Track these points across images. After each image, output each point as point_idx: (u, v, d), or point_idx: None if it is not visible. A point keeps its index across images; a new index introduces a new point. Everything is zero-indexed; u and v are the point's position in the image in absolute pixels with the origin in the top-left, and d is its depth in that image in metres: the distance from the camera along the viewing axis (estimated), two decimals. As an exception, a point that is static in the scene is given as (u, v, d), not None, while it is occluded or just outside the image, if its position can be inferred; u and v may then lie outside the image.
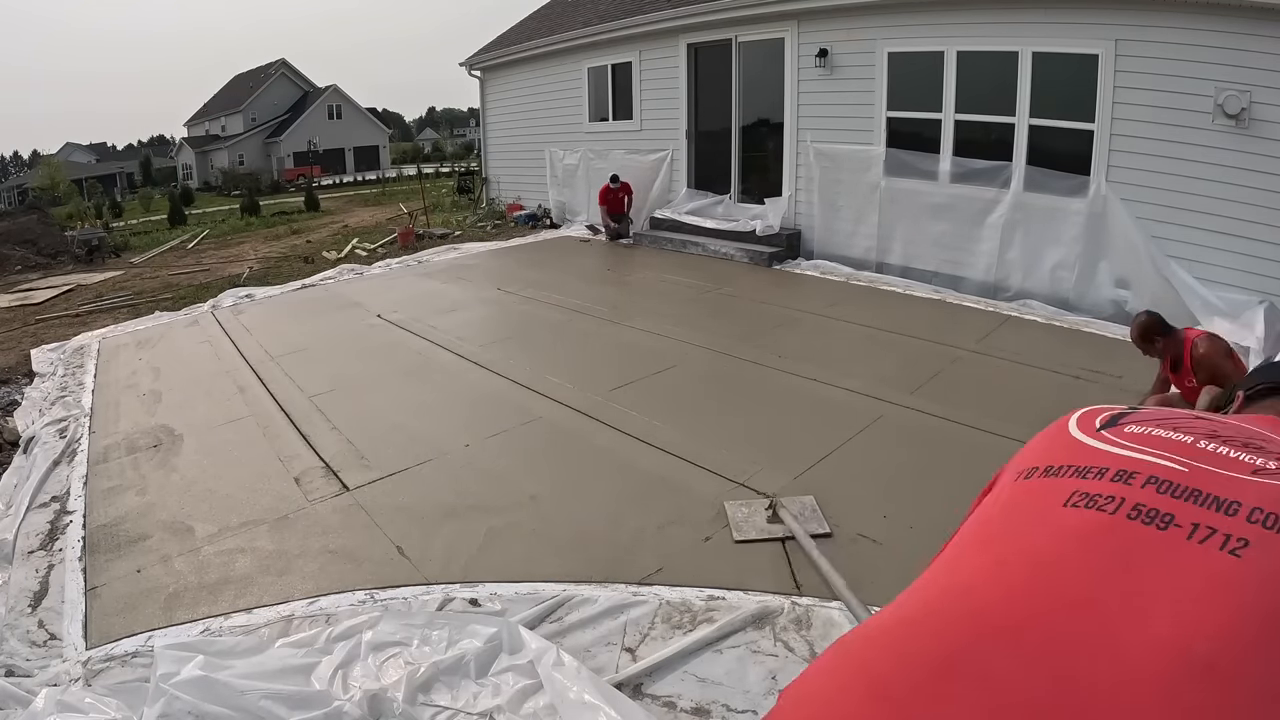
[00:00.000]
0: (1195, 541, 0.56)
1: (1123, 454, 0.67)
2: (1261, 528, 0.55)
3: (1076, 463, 0.68)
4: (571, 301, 6.35)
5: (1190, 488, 0.61)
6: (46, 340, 6.38)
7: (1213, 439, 0.66)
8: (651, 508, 3.04)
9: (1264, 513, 0.56)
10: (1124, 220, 5.48)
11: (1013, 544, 0.63)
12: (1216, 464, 0.63)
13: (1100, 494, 0.62)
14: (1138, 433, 0.69)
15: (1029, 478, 0.71)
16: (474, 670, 2.15)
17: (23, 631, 2.46)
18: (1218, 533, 0.56)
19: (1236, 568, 0.53)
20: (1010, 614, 0.55)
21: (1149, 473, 0.63)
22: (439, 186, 19.03)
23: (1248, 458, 0.63)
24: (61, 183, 32.05)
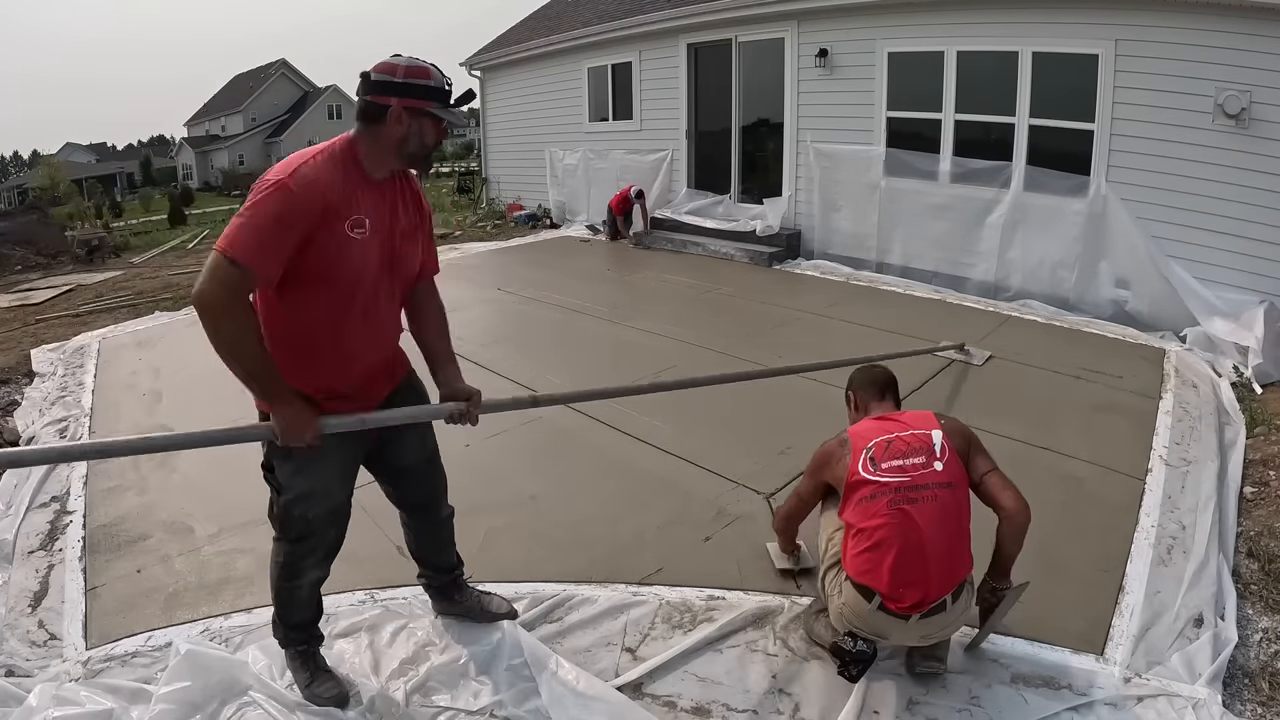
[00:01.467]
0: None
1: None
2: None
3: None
4: (571, 301, 6.35)
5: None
6: (46, 340, 6.37)
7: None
8: (651, 508, 3.04)
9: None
10: (1124, 220, 5.48)
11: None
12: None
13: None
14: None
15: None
16: (473, 670, 2.15)
17: (23, 631, 2.46)
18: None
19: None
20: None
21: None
22: (439, 186, 19.03)
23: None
24: (61, 183, 32.01)
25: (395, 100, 1.69)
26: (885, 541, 1.92)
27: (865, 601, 1.94)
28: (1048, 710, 1.99)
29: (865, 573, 1.94)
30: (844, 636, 2.05)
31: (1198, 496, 3.00)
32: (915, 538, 1.91)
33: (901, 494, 1.95)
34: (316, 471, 1.87)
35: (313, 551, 1.99)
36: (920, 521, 1.92)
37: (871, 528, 1.95)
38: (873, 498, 1.97)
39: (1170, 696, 2.02)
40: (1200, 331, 4.91)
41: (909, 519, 1.92)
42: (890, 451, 2.02)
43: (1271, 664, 2.16)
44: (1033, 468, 3.30)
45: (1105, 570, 2.57)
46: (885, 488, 1.96)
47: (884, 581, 1.91)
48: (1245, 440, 3.57)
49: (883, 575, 1.91)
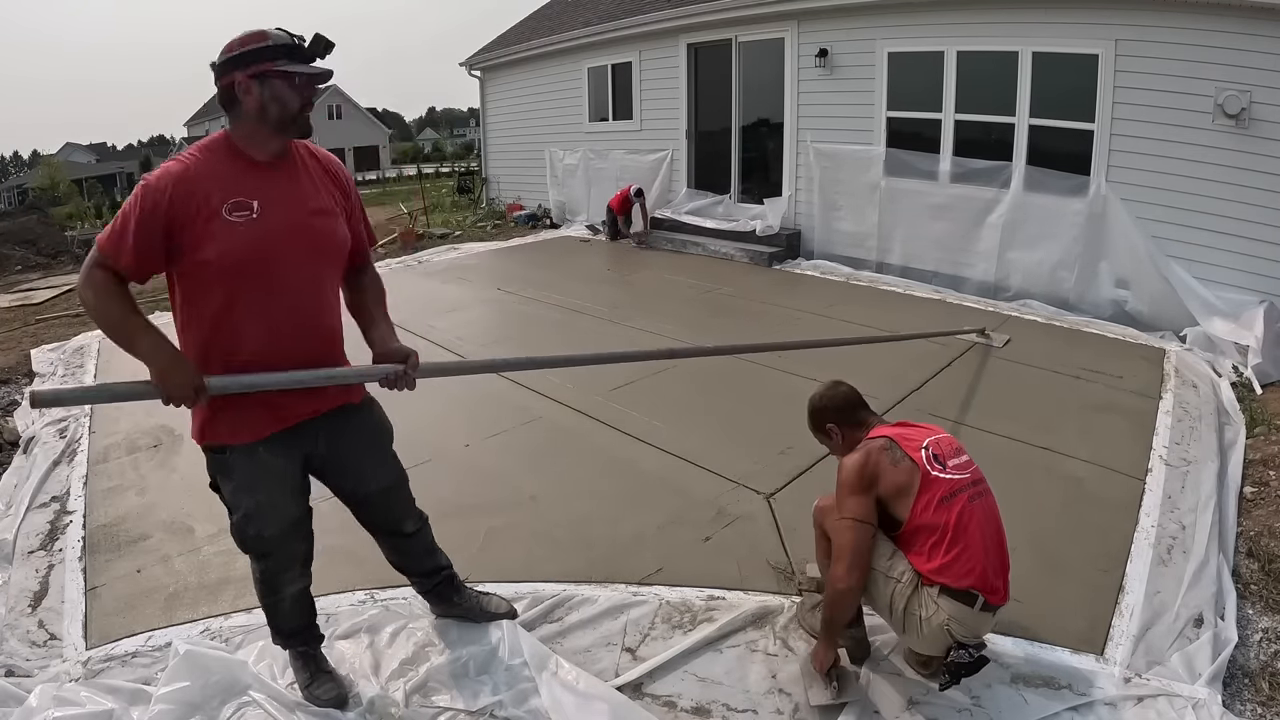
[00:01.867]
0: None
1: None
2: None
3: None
4: (571, 301, 6.35)
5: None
6: (46, 340, 6.38)
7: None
8: (651, 508, 3.04)
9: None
10: (1124, 220, 5.48)
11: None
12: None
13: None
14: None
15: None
16: (473, 670, 2.15)
17: (23, 631, 2.46)
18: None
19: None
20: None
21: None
22: (439, 186, 19.03)
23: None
24: (61, 183, 32.06)
25: (239, 74, 1.64)
26: (973, 540, 1.86)
27: (969, 607, 1.84)
28: (1048, 710, 1.99)
29: (963, 576, 1.83)
30: (953, 650, 1.86)
31: (1198, 496, 3.00)
32: (992, 531, 1.92)
33: (972, 489, 1.93)
34: (260, 488, 1.83)
35: (283, 569, 1.96)
36: (990, 515, 1.94)
37: (966, 530, 1.86)
38: (952, 495, 1.89)
39: (1170, 696, 2.02)
40: (1200, 331, 4.91)
41: (984, 513, 1.92)
42: (946, 450, 1.97)
43: (1271, 664, 2.16)
44: (1033, 468, 3.30)
45: (1105, 570, 2.57)
46: (959, 484, 1.91)
47: (982, 579, 1.84)
48: (1245, 440, 3.57)
49: (978, 573, 1.84)
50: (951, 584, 1.83)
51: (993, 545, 1.91)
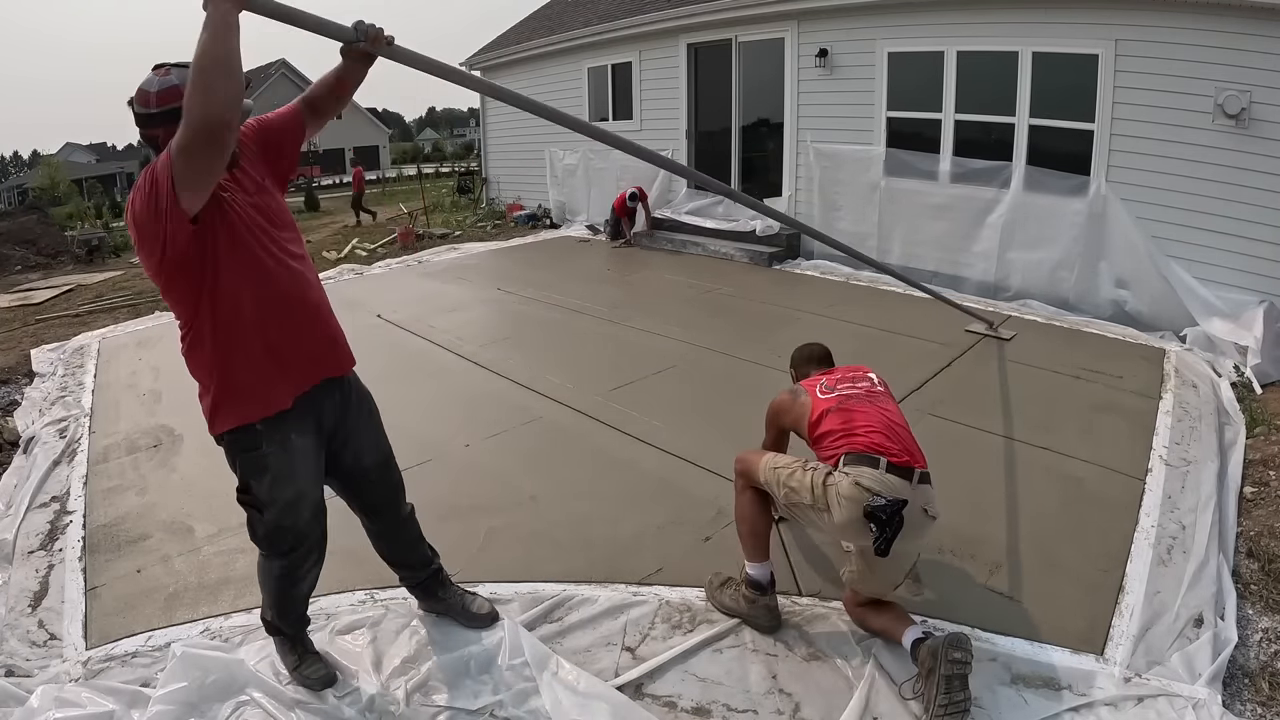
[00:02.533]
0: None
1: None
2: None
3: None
4: (571, 301, 6.35)
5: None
6: (46, 340, 6.38)
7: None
8: (651, 508, 3.04)
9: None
10: (1124, 220, 5.48)
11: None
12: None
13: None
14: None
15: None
16: (474, 669, 2.15)
17: (23, 631, 2.46)
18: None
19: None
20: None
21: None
22: (439, 186, 19.03)
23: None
24: (61, 183, 32.04)
25: (161, 132, 1.62)
26: (869, 423, 2.15)
27: (874, 468, 2.05)
28: (1048, 710, 1.99)
29: (859, 444, 2.11)
30: (865, 496, 2.00)
31: (1198, 496, 2.99)
32: (888, 418, 2.19)
33: (865, 396, 2.26)
34: (295, 476, 1.88)
35: (308, 556, 2.00)
36: (886, 410, 2.23)
37: (851, 420, 2.17)
38: (842, 404, 2.23)
39: (1170, 697, 2.02)
40: (1200, 331, 4.91)
41: (879, 407, 2.23)
42: (839, 380, 2.35)
43: (1271, 664, 2.16)
44: (1033, 468, 3.30)
45: (1105, 570, 2.57)
46: (850, 397, 2.26)
47: (883, 444, 2.09)
48: (1245, 440, 3.57)
49: (879, 441, 2.10)
50: (850, 449, 2.11)
51: (887, 425, 2.16)
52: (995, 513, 2.93)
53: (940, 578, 2.54)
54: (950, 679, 1.88)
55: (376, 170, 38.30)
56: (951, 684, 1.88)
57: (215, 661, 2.12)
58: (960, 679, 1.89)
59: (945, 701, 1.87)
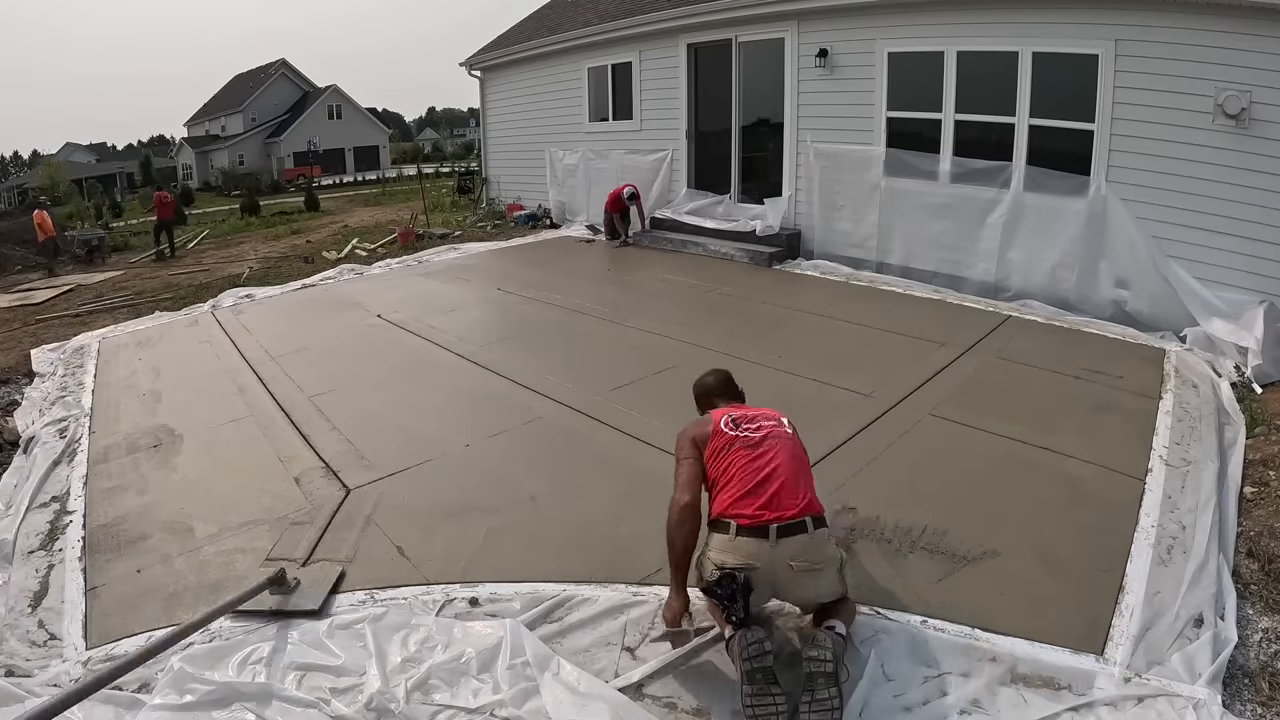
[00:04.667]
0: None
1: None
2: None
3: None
4: (571, 301, 6.35)
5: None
6: (46, 340, 6.38)
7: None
8: (651, 508, 3.03)
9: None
10: (1124, 220, 5.48)
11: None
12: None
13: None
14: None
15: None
16: (475, 668, 2.15)
17: (23, 631, 2.46)
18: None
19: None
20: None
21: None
22: (439, 186, 19.03)
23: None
24: (62, 183, 32.03)
25: None
26: (736, 477, 2.19)
27: (725, 534, 2.11)
28: (1048, 710, 1.99)
29: (722, 508, 2.16)
30: (710, 572, 2.07)
31: (1198, 496, 2.99)
32: (764, 468, 2.18)
33: (753, 442, 2.26)
34: None
35: None
36: (768, 456, 2.22)
37: (728, 474, 2.21)
38: (729, 448, 2.26)
39: (1170, 697, 2.02)
40: (1200, 331, 4.91)
41: (758, 457, 2.22)
42: (746, 418, 2.37)
43: (1271, 664, 2.16)
44: (1033, 468, 3.30)
45: (1105, 570, 2.57)
46: (738, 439, 2.28)
47: (737, 507, 2.12)
48: (1245, 440, 3.57)
49: (736, 504, 2.13)
50: (712, 515, 2.19)
51: (765, 480, 2.16)
52: (995, 513, 2.93)
53: (940, 578, 2.54)
54: (751, 673, 1.92)
55: (377, 170, 38.32)
56: (754, 677, 1.92)
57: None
58: (762, 671, 1.92)
59: (750, 690, 1.91)
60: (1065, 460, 3.34)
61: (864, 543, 2.74)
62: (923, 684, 2.09)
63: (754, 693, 1.91)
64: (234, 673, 2.16)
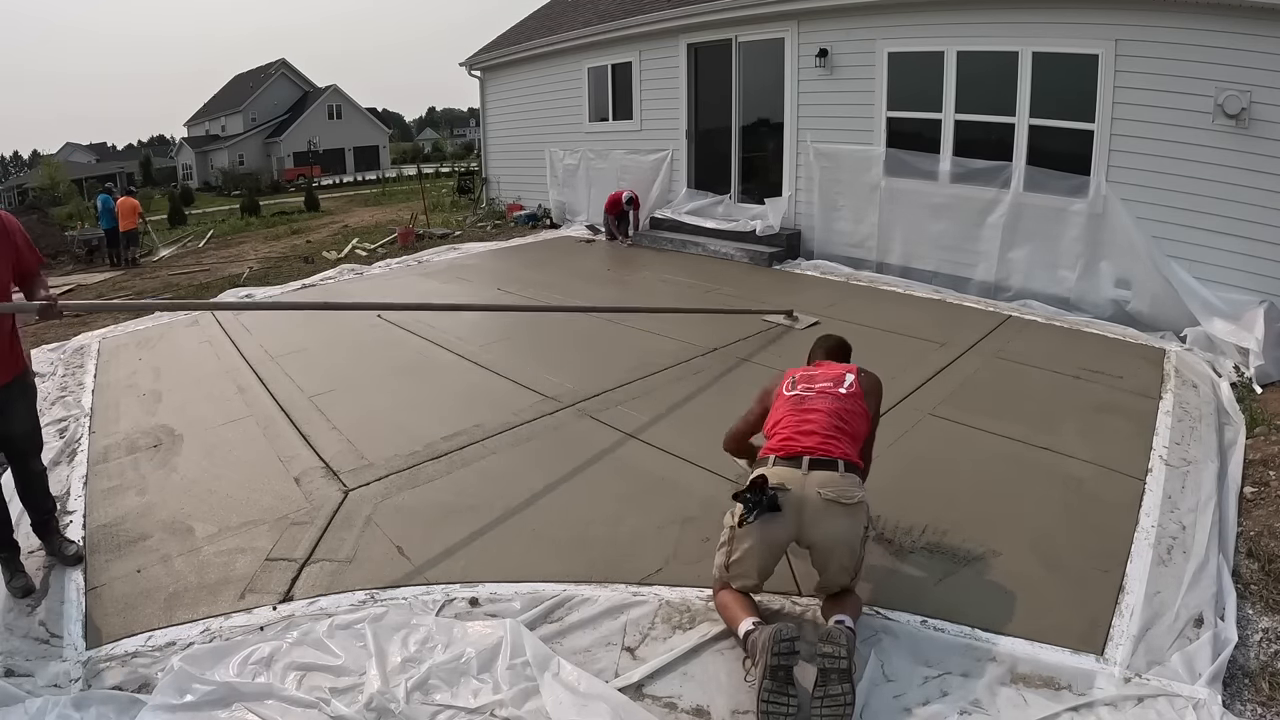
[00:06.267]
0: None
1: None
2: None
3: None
4: (572, 301, 6.35)
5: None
6: (46, 340, 6.37)
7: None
8: (651, 508, 3.04)
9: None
10: (1124, 220, 5.48)
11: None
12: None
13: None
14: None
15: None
16: (475, 668, 2.15)
17: (23, 631, 2.46)
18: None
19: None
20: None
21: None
22: (439, 186, 19.03)
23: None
24: (61, 183, 32.02)
25: None
26: (780, 428, 2.41)
27: (763, 467, 2.29)
28: (1048, 710, 1.99)
29: (764, 453, 2.37)
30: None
31: (1198, 496, 2.99)
32: (804, 420, 2.39)
33: (801, 399, 2.48)
34: None
35: None
36: (811, 410, 2.42)
37: (775, 427, 2.43)
38: (780, 407, 2.50)
39: (1170, 697, 2.02)
40: (1200, 331, 4.91)
41: (803, 411, 2.43)
42: (808, 379, 2.58)
43: (1271, 664, 2.16)
44: (1033, 468, 3.30)
45: (1105, 570, 2.57)
46: (791, 399, 2.50)
47: (776, 447, 2.33)
48: (1245, 440, 3.57)
49: (776, 445, 2.35)
50: (761, 455, 2.40)
51: (804, 421, 2.38)
52: (995, 513, 2.93)
53: (940, 578, 2.54)
54: (775, 669, 1.92)
55: (376, 170, 38.33)
56: (776, 674, 1.92)
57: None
58: (785, 670, 1.92)
59: (770, 686, 1.91)
60: (1065, 460, 3.34)
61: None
62: (923, 684, 2.09)
63: (773, 689, 1.90)
64: (234, 673, 2.15)
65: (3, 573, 2.70)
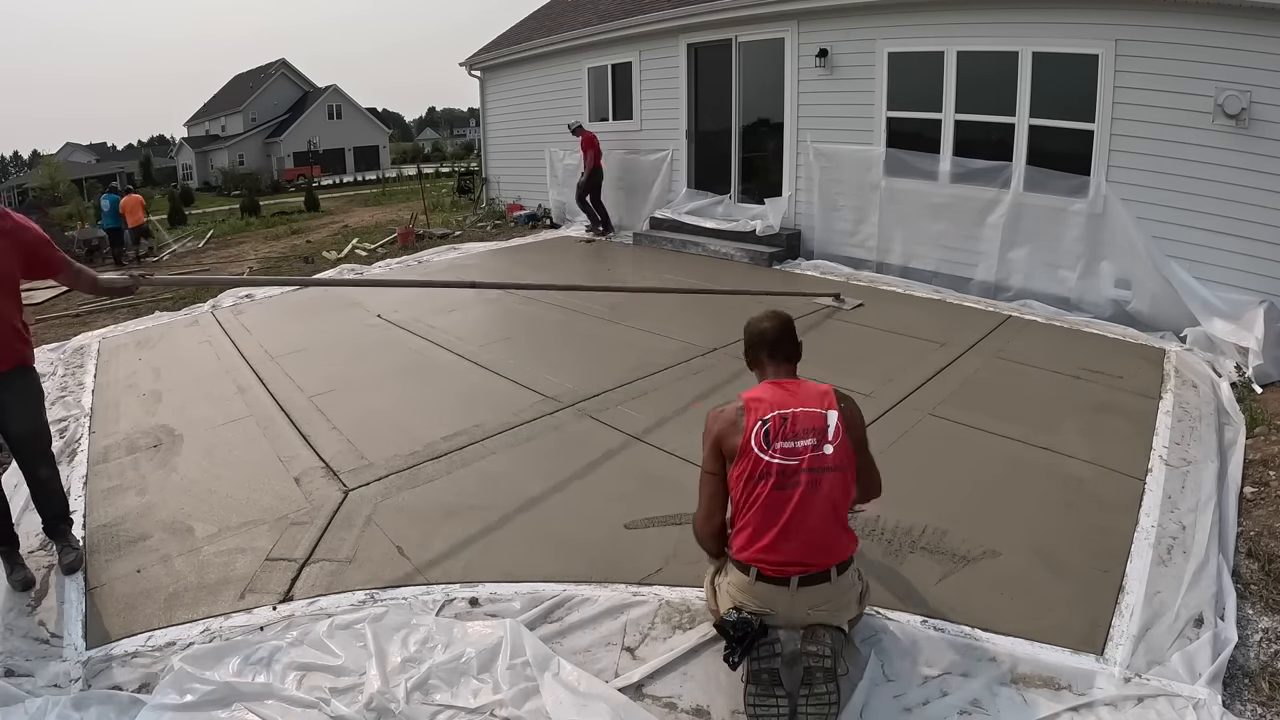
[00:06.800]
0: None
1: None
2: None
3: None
4: (571, 301, 6.35)
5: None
6: (46, 340, 6.38)
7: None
8: (652, 508, 3.04)
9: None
10: (1124, 220, 5.48)
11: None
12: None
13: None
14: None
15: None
16: (475, 668, 2.15)
17: (23, 631, 2.46)
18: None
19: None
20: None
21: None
22: (439, 187, 19.03)
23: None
24: (62, 183, 32.02)
25: None
26: (759, 516, 2.00)
27: (745, 576, 2.02)
28: (1048, 710, 1.99)
29: (743, 549, 2.02)
30: (728, 611, 2.01)
31: (1198, 496, 2.99)
32: (791, 512, 1.98)
33: (786, 477, 1.99)
34: None
35: None
36: (799, 502, 1.98)
37: (753, 510, 2.01)
38: (760, 477, 2.00)
39: (1170, 697, 2.02)
40: (1200, 331, 4.91)
41: (787, 500, 1.98)
42: (784, 432, 2.03)
43: (1271, 664, 2.16)
44: (1033, 468, 3.30)
45: (1105, 570, 2.57)
46: (771, 468, 1.99)
47: (758, 552, 2.00)
48: (1245, 440, 3.57)
49: (757, 548, 2.00)
50: (734, 555, 2.07)
51: (793, 528, 1.98)
52: (995, 513, 2.93)
53: (940, 578, 2.54)
54: (756, 674, 1.91)
55: (377, 170, 38.32)
56: (759, 678, 1.91)
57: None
58: (769, 673, 1.91)
59: (755, 691, 1.91)
60: (1065, 460, 3.34)
61: (864, 543, 2.74)
62: (923, 684, 2.09)
63: (758, 693, 1.91)
64: (234, 673, 2.15)
65: (3, 566, 2.70)
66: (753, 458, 2.01)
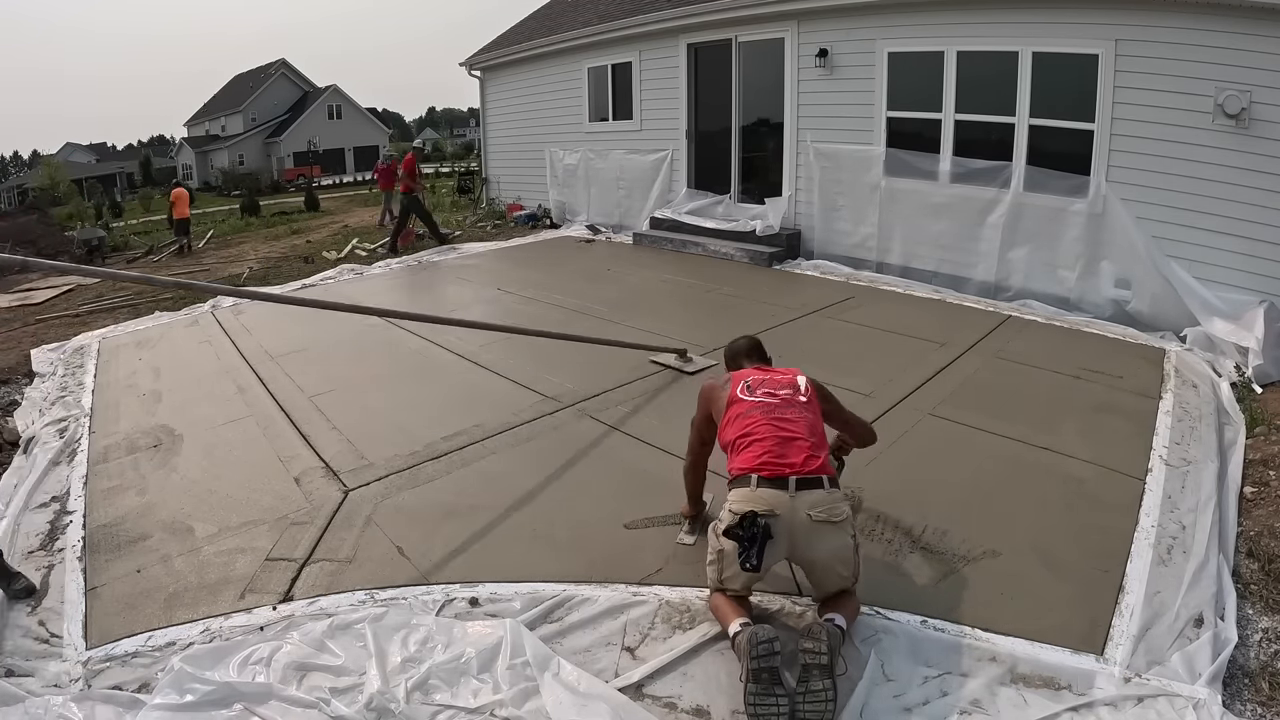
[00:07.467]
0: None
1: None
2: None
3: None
4: (571, 301, 6.35)
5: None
6: (46, 340, 6.37)
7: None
8: (652, 507, 3.04)
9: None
10: (1124, 220, 5.48)
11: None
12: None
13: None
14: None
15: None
16: (475, 668, 2.15)
17: (23, 631, 2.46)
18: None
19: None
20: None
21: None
22: (439, 186, 19.02)
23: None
24: (61, 183, 32.04)
25: None
26: (758, 439, 2.30)
27: (745, 487, 2.21)
28: (1048, 710, 1.99)
29: (742, 465, 2.27)
30: (731, 517, 2.16)
31: (1198, 496, 2.99)
32: (784, 432, 2.30)
33: (773, 410, 2.37)
34: None
35: None
36: (788, 422, 2.34)
37: (747, 434, 2.33)
38: (748, 414, 2.38)
39: (1170, 697, 2.02)
40: (1200, 331, 4.91)
41: (778, 423, 2.33)
42: (764, 384, 2.47)
43: (1271, 664, 2.16)
44: (1033, 468, 3.30)
45: (1105, 570, 2.57)
46: (758, 405, 2.40)
47: (758, 461, 2.24)
48: (1245, 440, 3.57)
49: (756, 459, 2.25)
50: (731, 474, 2.31)
51: (785, 441, 2.28)
52: (995, 513, 2.93)
53: (940, 578, 2.54)
54: (756, 672, 1.92)
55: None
56: (759, 676, 1.92)
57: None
58: (768, 671, 1.91)
59: (755, 689, 1.91)
60: (1065, 460, 3.34)
61: (864, 543, 2.74)
62: (923, 684, 2.09)
63: (758, 692, 1.91)
64: (234, 673, 2.15)
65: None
66: (740, 402, 2.44)
